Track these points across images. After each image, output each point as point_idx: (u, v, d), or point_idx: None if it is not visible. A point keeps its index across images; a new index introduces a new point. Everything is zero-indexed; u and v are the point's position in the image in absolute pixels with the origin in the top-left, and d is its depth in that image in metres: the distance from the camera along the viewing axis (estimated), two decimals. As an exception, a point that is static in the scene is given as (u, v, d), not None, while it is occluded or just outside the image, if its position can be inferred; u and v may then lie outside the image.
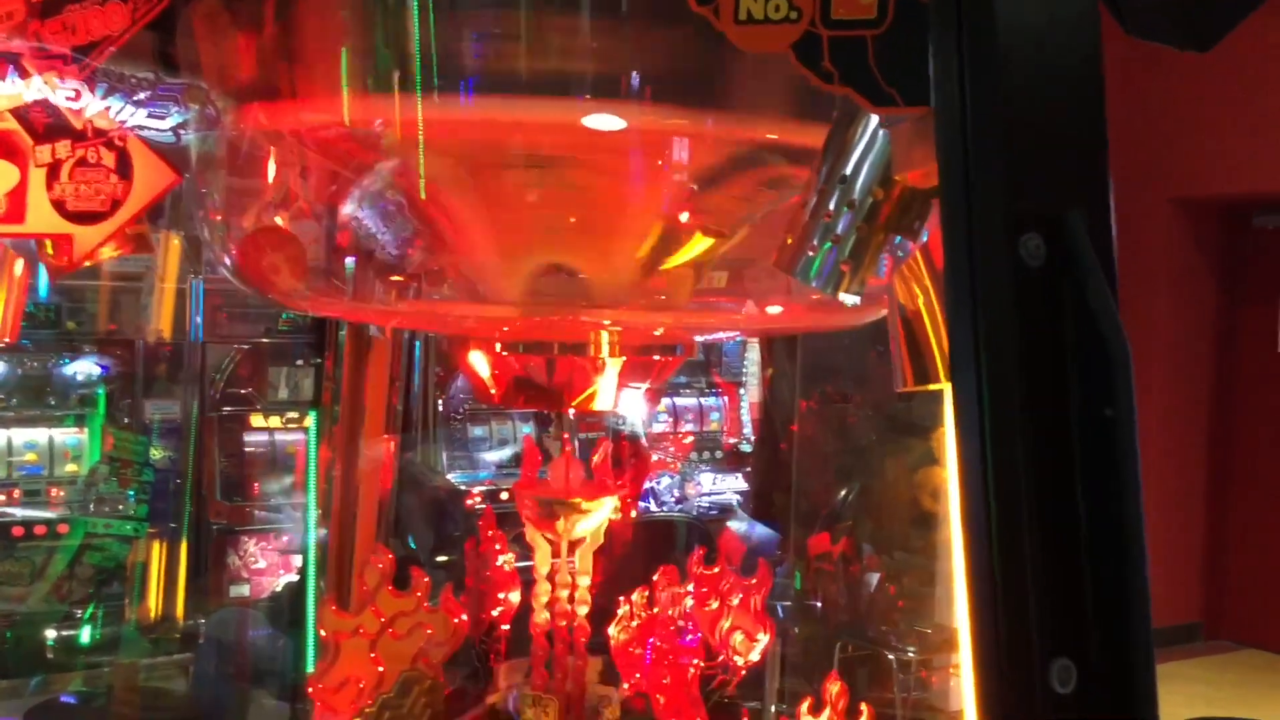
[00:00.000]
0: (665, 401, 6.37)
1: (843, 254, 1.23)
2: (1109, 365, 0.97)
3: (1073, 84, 1.04)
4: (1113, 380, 0.96)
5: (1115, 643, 0.96)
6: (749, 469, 6.59)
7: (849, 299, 1.28)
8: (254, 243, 1.52)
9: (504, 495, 5.67)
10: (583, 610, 1.82)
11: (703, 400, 6.69)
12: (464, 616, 1.80)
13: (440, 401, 6.02)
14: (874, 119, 1.20)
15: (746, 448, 6.64)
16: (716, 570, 1.93)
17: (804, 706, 1.84)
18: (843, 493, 5.95)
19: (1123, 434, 0.97)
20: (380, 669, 1.72)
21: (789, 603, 5.77)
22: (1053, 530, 0.96)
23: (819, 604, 5.91)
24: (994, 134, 1.00)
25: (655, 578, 1.88)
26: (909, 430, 5.97)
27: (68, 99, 1.42)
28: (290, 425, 5.62)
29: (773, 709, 4.70)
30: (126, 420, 5.31)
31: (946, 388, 1.05)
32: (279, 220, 1.65)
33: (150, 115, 1.51)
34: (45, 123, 1.40)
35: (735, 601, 1.91)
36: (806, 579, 5.88)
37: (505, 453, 6.11)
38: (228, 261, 1.75)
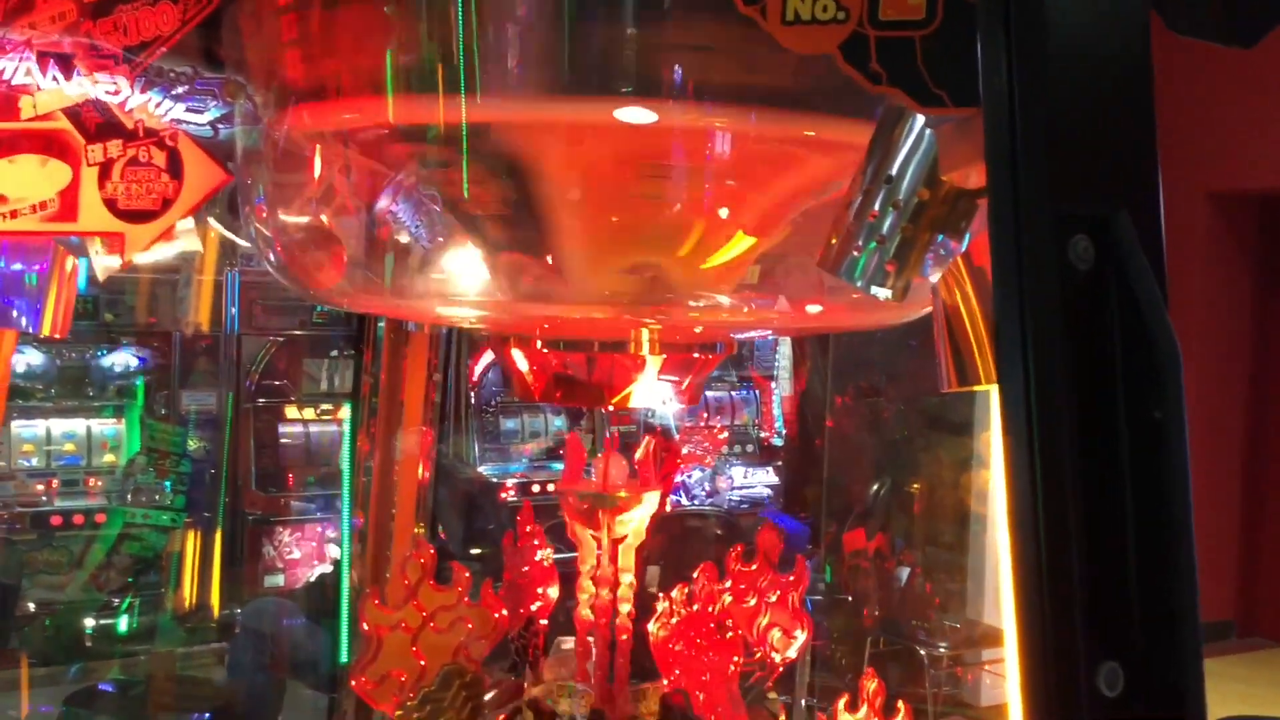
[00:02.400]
0: (696, 395, 6.36)
1: (887, 254, 1.22)
2: (1158, 367, 0.96)
3: (1122, 83, 1.04)
4: (1162, 382, 0.96)
5: (1164, 646, 0.96)
6: (780, 463, 6.59)
7: (890, 298, 1.28)
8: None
9: (536, 488, 5.69)
10: (625, 607, 1.82)
11: (735, 394, 6.69)
12: (503, 612, 1.81)
13: (472, 393, 6.05)
14: (920, 118, 1.19)
15: (779, 441, 6.64)
16: (754, 567, 1.93)
17: (840, 704, 1.84)
18: (875, 487, 5.95)
19: (1172, 436, 0.96)
20: (421, 663, 1.73)
21: (820, 597, 5.77)
22: (1101, 533, 0.96)
23: (849, 597, 5.91)
24: (1042, 135, 1.00)
25: (695, 575, 1.88)
26: (942, 425, 5.96)
27: (108, 93, 1.43)
28: (325, 416, 5.67)
29: (803, 703, 4.70)
30: (164, 411, 5.37)
31: (993, 389, 1.05)
32: (324, 218, 1.66)
33: (189, 109, 1.52)
34: (97, 122, 1.41)
35: (773, 598, 1.91)
36: (839, 574, 5.88)
37: (537, 445, 6.13)
38: (272, 258, 1.77)
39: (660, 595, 1.89)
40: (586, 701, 1.80)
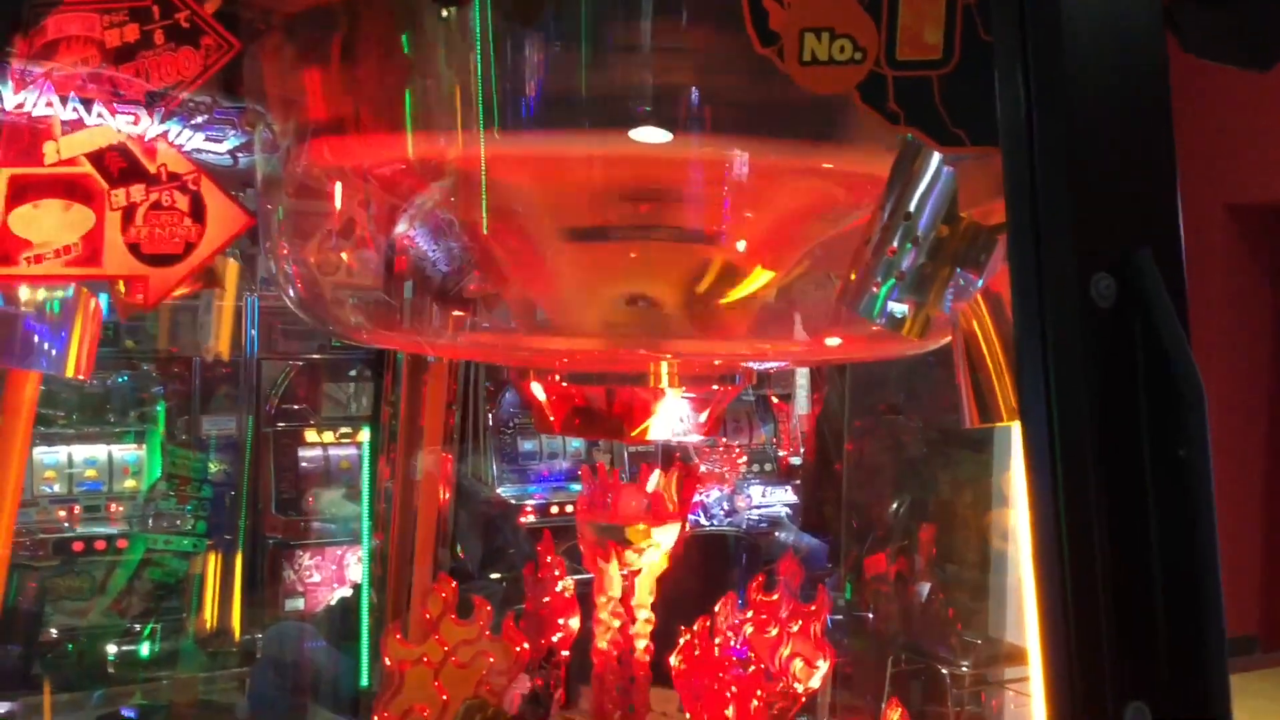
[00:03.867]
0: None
1: (906, 291, 1.22)
2: (1182, 406, 0.96)
3: (1141, 120, 1.04)
4: (1186, 421, 0.96)
5: (1191, 685, 0.96)
6: (798, 481, 6.58)
7: (909, 334, 1.27)
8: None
9: (554, 509, 5.70)
10: (645, 634, 1.82)
11: (753, 415, 6.68)
12: (524, 645, 1.81)
13: (490, 414, 6.05)
14: (938, 155, 1.19)
15: (797, 461, 6.63)
16: (775, 597, 1.93)
17: (865, 734, 1.83)
18: (894, 505, 5.93)
19: (1197, 474, 0.96)
20: (444, 697, 1.73)
21: (840, 616, 5.75)
22: (1127, 572, 0.96)
23: (871, 616, 5.89)
24: (1062, 173, 1.00)
25: (716, 608, 1.88)
26: (961, 443, 5.94)
27: (129, 123, 1.44)
28: (344, 440, 5.68)
29: (824, 724, 4.68)
30: (184, 437, 5.39)
31: (1015, 426, 1.05)
32: (344, 255, 1.67)
33: (208, 139, 1.53)
34: (120, 167, 1.42)
35: (795, 628, 1.90)
36: (859, 595, 5.86)
37: (556, 466, 6.13)
38: (291, 293, 1.78)
39: (681, 627, 1.88)
40: None
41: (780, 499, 6.57)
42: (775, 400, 6.71)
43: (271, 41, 1.59)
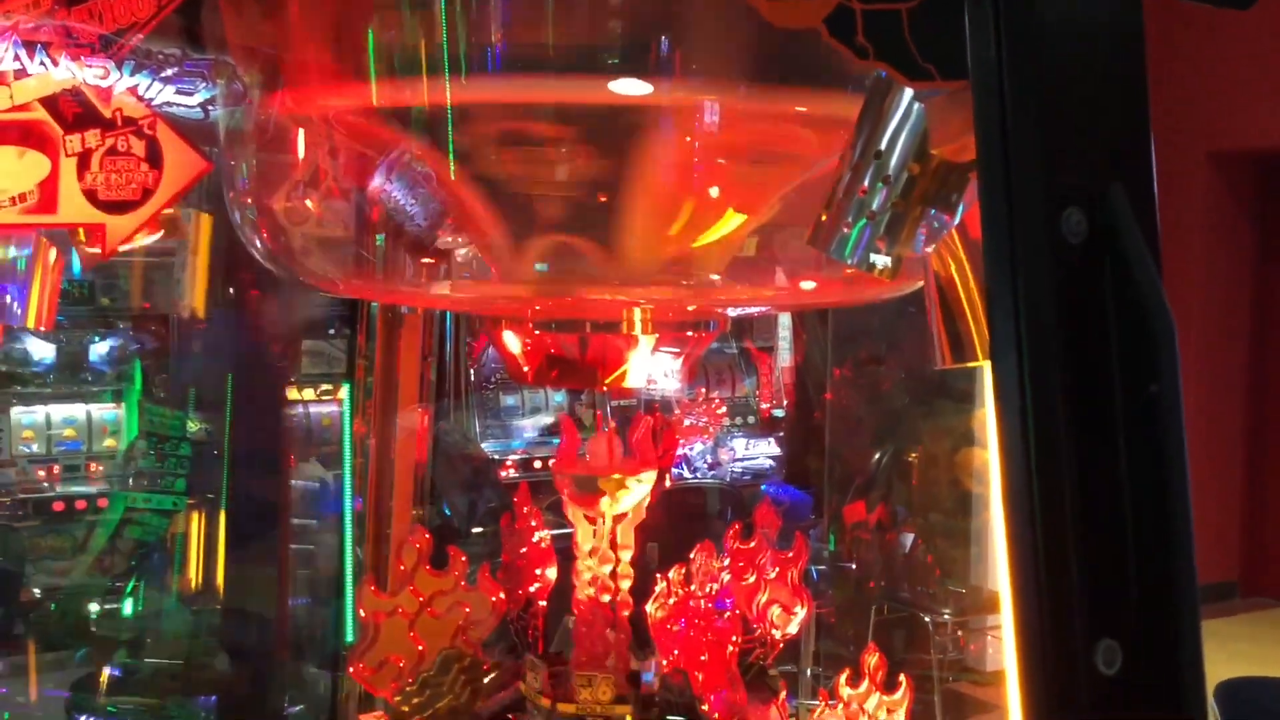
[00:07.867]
0: (695, 368, 6.34)
1: (878, 231, 1.21)
2: (1153, 342, 0.95)
3: (1113, 53, 1.02)
4: (1157, 357, 0.95)
5: (1161, 623, 0.95)
6: (782, 434, 6.58)
7: (881, 274, 1.26)
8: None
9: (538, 464, 5.69)
10: (624, 585, 1.82)
11: (735, 367, 6.68)
12: (501, 595, 1.80)
13: (472, 370, 6.03)
14: (908, 92, 1.17)
15: (779, 413, 6.63)
16: (753, 544, 1.93)
17: (842, 679, 1.84)
18: (876, 456, 5.95)
19: (1168, 411, 0.95)
20: (420, 648, 1.73)
21: (823, 566, 5.78)
22: (1097, 510, 0.95)
23: (853, 566, 5.93)
24: (1033, 108, 0.98)
25: (692, 555, 1.87)
26: (944, 392, 5.95)
27: (97, 78, 1.41)
28: (324, 397, 5.65)
29: (809, 672, 4.72)
30: (163, 395, 5.35)
31: (986, 365, 1.04)
32: (309, 203, 1.65)
33: (178, 91, 1.51)
34: (75, 112, 1.39)
35: (772, 575, 1.90)
36: (842, 544, 5.89)
37: (538, 420, 6.12)
38: (258, 244, 1.75)
39: (659, 575, 1.88)
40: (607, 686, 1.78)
41: (764, 451, 6.58)
42: (757, 352, 6.70)
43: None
